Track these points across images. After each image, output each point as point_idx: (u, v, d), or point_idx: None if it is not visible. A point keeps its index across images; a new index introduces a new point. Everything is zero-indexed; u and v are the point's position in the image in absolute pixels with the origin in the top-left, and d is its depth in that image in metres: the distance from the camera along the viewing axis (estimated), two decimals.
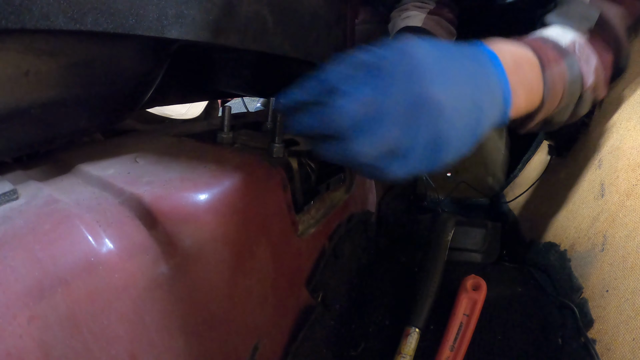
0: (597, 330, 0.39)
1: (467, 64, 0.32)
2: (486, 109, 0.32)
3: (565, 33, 0.46)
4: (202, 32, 0.39)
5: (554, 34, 0.45)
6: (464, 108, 0.30)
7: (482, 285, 0.46)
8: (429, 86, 0.29)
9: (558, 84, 0.40)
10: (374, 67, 0.29)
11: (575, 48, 0.44)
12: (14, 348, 0.23)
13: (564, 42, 0.44)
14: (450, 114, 0.29)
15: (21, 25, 0.26)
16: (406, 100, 0.29)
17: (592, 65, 0.44)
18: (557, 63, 0.40)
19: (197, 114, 1.37)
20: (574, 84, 0.42)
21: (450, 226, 0.58)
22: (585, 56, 0.44)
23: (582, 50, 0.44)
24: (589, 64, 0.44)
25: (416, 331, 0.44)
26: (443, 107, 0.29)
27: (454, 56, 0.32)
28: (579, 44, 0.44)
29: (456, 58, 0.32)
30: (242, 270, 0.36)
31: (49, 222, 0.27)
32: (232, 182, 0.35)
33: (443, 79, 0.30)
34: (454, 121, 0.29)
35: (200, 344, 0.32)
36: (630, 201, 0.42)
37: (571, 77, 0.42)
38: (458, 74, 0.31)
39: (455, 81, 0.30)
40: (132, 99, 0.43)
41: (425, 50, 0.30)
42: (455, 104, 0.30)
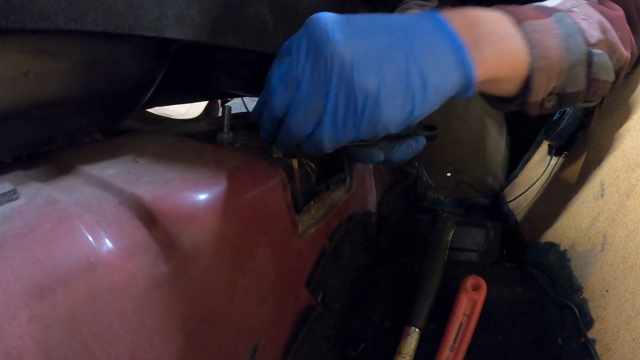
0: (597, 330, 0.39)
1: (385, 21, 0.32)
2: (422, 61, 0.30)
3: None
4: (202, 32, 0.39)
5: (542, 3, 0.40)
6: (379, 58, 0.30)
7: (482, 285, 0.46)
8: (329, 42, 0.29)
9: (547, 41, 0.35)
10: (287, 48, 0.32)
11: (566, 6, 0.38)
12: (14, 348, 0.23)
13: (552, 3, 0.39)
14: (361, 66, 0.29)
15: (21, 25, 0.26)
16: (312, 61, 0.30)
17: (594, 21, 0.38)
18: (538, 18, 0.35)
19: (197, 114, 1.37)
20: (571, 39, 0.36)
21: (450, 226, 0.58)
22: (582, 12, 0.38)
23: (577, 7, 0.38)
24: (589, 19, 0.38)
25: (416, 331, 0.44)
26: (347, 59, 0.29)
27: (368, 17, 0.32)
28: (570, 3, 0.39)
29: (372, 18, 0.32)
30: (242, 270, 0.36)
31: (49, 222, 0.27)
32: (232, 182, 0.35)
33: (345, 33, 0.30)
34: (368, 73, 0.29)
35: (200, 344, 0.32)
36: (630, 201, 0.42)
37: (565, 32, 0.36)
38: (367, 29, 0.31)
39: (364, 35, 0.30)
40: (132, 99, 0.43)
41: (329, 15, 0.31)
42: (366, 54, 0.29)
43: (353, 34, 0.30)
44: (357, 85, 0.29)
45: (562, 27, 0.36)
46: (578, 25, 0.37)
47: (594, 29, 0.37)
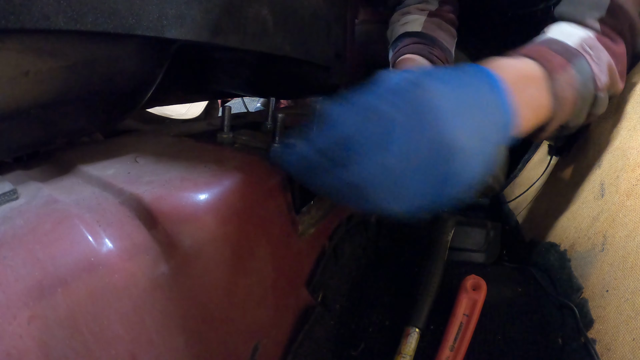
0: (597, 330, 0.39)
1: (473, 97, 0.31)
2: (492, 139, 0.31)
3: (573, 31, 0.44)
4: (202, 32, 0.39)
5: (561, 33, 0.44)
6: (475, 147, 0.29)
7: (482, 285, 0.46)
8: (443, 139, 0.27)
9: (567, 92, 0.40)
10: (386, 120, 0.27)
11: (585, 47, 0.42)
12: (14, 348, 0.23)
13: (572, 42, 0.42)
14: (462, 158, 0.28)
15: (21, 25, 0.26)
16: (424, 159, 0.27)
17: (604, 64, 0.43)
18: (565, 70, 0.40)
19: (197, 114, 1.37)
20: (585, 87, 0.41)
21: (450, 226, 0.58)
22: (596, 55, 0.42)
23: (592, 49, 0.42)
24: (600, 63, 0.42)
25: (416, 331, 0.44)
26: (457, 153, 0.28)
27: (461, 93, 0.30)
28: (588, 43, 0.42)
29: (463, 93, 0.30)
30: (242, 270, 0.36)
31: (49, 222, 0.27)
32: (232, 182, 0.35)
33: (456, 127, 0.28)
34: (465, 163, 0.28)
35: (200, 344, 0.32)
36: (630, 201, 0.42)
37: (582, 81, 0.41)
38: (467, 114, 0.29)
39: (465, 123, 0.29)
40: (132, 99, 0.43)
41: (435, 99, 0.28)
42: (467, 144, 0.28)
43: (457, 128, 0.28)
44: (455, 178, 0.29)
45: (581, 76, 0.40)
46: (592, 71, 0.41)
47: (603, 73, 0.42)
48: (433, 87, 0.28)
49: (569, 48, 0.42)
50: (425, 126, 0.27)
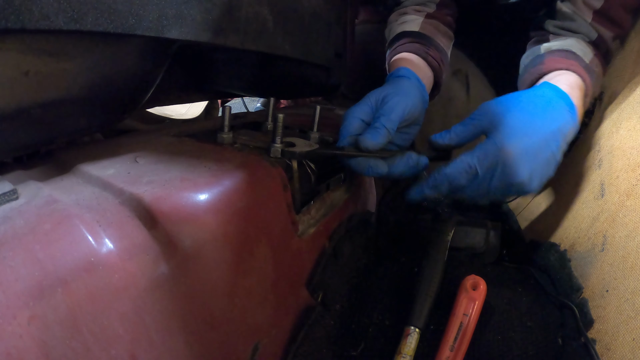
0: (597, 330, 0.39)
1: (545, 124, 0.43)
2: (553, 146, 0.44)
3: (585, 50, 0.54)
4: (202, 32, 0.39)
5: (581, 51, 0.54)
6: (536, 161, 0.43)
7: (482, 285, 0.46)
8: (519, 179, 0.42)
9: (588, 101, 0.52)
10: (482, 171, 0.43)
11: (594, 66, 0.53)
12: (14, 348, 0.23)
13: (588, 59, 0.53)
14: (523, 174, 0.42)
15: (21, 25, 0.26)
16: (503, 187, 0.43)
17: (599, 82, 0.54)
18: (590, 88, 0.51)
19: (197, 114, 1.37)
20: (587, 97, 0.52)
21: (450, 226, 0.58)
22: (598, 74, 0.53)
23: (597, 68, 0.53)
24: (598, 80, 0.54)
25: (416, 331, 0.44)
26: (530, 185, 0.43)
27: (544, 137, 0.43)
28: (595, 63, 0.53)
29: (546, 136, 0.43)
30: (242, 271, 0.36)
31: (49, 222, 0.27)
32: (232, 182, 0.35)
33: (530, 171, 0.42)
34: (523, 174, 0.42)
35: (200, 344, 0.32)
36: (630, 201, 0.42)
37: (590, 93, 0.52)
38: (546, 155, 0.43)
39: (541, 165, 0.43)
40: (132, 99, 0.43)
41: (521, 154, 0.41)
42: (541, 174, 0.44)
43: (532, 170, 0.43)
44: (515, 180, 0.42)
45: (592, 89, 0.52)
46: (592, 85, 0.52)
47: (598, 86, 0.55)
48: (503, 143, 0.42)
49: (590, 67, 0.52)
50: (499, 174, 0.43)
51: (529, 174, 0.41)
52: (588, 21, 0.56)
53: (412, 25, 0.68)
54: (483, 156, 0.42)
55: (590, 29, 0.56)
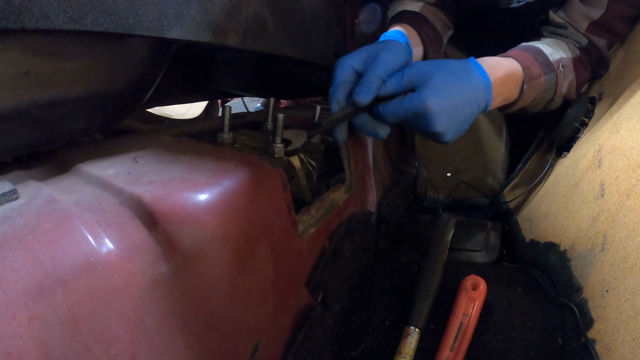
0: (597, 330, 0.39)
1: (464, 92, 0.47)
2: (467, 112, 0.47)
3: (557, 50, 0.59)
4: (202, 32, 0.39)
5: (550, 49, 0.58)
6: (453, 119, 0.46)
7: (482, 285, 0.46)
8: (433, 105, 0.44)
9: (532, 92, 0.56)
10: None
11: (560, 65, 0.57)
12: (14, 348, 0.23)
13: (553, 59, 0.57)
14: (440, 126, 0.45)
15: (21, 25, 0.26)
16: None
17: (568, 81, 0.58)
18: (537, 78, 0.55)
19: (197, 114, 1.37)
20: (547, 92, 0.58)
21: (450, 226, 0.58)
22: (565, 73, 0.58)
23: (564, 68, 0.58)
24: (566, 79, 0.58)
25: (416, 331, 0.44)
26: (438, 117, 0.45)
27: (454, 90, 0.46)
28: (563, 63, 0.58)
29: (456, 89, 0.46)
30: (242, 270, 0.36)
31: (49, 222, 0.27)
32: (232, 182, 0.35)
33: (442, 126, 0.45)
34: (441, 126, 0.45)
35: (200, 344, 0.32)
36: (630, 201, 0.42)
37: (546, 87, 0.57)
38: (453, 102, 0.45)
39: (456, 103, 0.46)
40: (132, 99, 0.43)
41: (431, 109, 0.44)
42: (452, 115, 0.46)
43: (439, 98, 0.45)
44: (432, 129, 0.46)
45: (547, 84, 0.57)
46: (557, 82, 0.58)
47: (564, 87, 0.59)
48: (428, 95, 0.44)
49: (549, 63, 0.57)
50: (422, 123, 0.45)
51: (445, 128, 0.46)
52: (581, 30, 0.60)
53: (412, 7, 0.72)
54: (409, 106, 0.45)
55: (580, 36, 0.60)
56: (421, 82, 0.45)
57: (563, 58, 0.58)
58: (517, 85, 0.54)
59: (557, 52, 0.59)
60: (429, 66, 0.47)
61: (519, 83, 0.54)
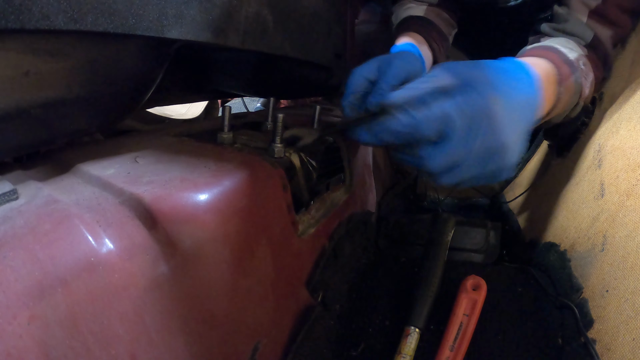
0: (597, 330, 0.39)
1: (527, 109, 0.38)
2: (528, 117, 0.37)
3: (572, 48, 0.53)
4: (202, 32, 0.39)
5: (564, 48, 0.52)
6: (521, 143, 0.36)
7: (482, 285, 0.46)
8: (503, 140, 0.34)
9: (565, 96, 0.48)
10: (462, 124, 0.33)
11: (580, 63, 0.51)
12: (14, 348, 0.23)
13: (573, 56, 0.50)
14: (513, 154, 0.35)
15: (21, 25, 0.26)
16: (485, 152, 0.34)
17: (589, 80, 0.52)
18: (568, 79, 0.48)
19: (197, 114, 1.37)
20: (575, 95, 0.50)
21: (450, 226, 0.58)
22: (586, 71, 0.51)
23: (585, 65, 0.51)
24: (587, 78, 0.52)
25: (416, 331, 0.44)
26: (510, 150, 0.35)
27: (520, 104, 0.37)
28: (582, 61, 0.51)
29: (521, 104, 0.37)
30: (242, 270, 0.36)
31: (49, 222, 0.27)
32: (232, 182, 0.35)
33: (514, 132, 0.35)
34: (513, 157, 0.35)
35: (201, 344, 0.32)
36: (630, 201, 0.42)
37: (575, 90, 0.50)
38: (522, 123, 0.36)
39: (520, 131, 0.36)
40: (132, 99, 0.43)
41: (504, 110, 0.34)
42: (518, 146, 0.36)
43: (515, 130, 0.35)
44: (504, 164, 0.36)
45: (575, 86, 0.49)
46: (582, 83, 0.50)
47: (587, 87, 0.52)
48: (488, 94, 0.34)
49: (572, 62, 0.49)
50: (483, 132, 0.34)
51: (514, 138, 0.34)
52: (584, 20, 0.55)
53: (417, 11, 0.72)
54: (465, 104, 0.32)
55: (585, 29, 0.55)
56: (466, 80, 0.34)
57: (581, 55, 0.52)
58: (554, 89, 0.46)
59: (572, 50, 0.52)
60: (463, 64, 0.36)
61: (555, 87, 0.46)
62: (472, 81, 0.34)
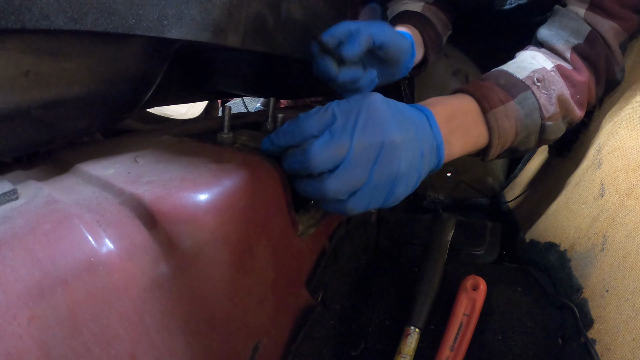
0: (597, 330, 0.39)
1: (413, 117, 0.39)
2: (426, 154, 0.39)
3: (530, 63, 0.48)
4: (202, 32, 0.39)
5: (514, 66, 0.49)
6: (412, 150, 0.37)
7: (482, 285, 0.46)
8: (388, 133, 0.35)
9: (505, 122, 0.45)
10: (342, 116, 0.35)
11: (534, 80, 0.47)
12: (14, 348, 0.23)
13: (522, 75, 0.47)
14: (404, 156, 0.36)
15: (21, 25, 0.26)
16: (369, 144, 0.35)
17: (553, 95, 0.47)
18: (504, 103, 0.45)
19: (197, 114, 1.37)
20: (529, 117, 0.46)
21: (450, 226, 0.58)
22: (544, 87, 0.47)
23: (541, 81, 0.47)
24: (549, 94, 0.47)
25: (416, 331, 0.44)
26: (399, 149, 0.35)
27: (403, 110, 0.38)
28: (538, 76, 0.47)
29: (405, 112, 0.38)
30: (242, 270, 0.36)
31: (49, 222, 0.27)
32: (232, 182, 0.35)
33: (399, 127, 0.36)
34: (406, 161, 0.36)
35: (201, 344, 0.32)
36: (630, 201, 0.42)
37: (524, 112, 0.46)
38: (408, 125, 0.37)
39: (407, 130, 0.37)
40: (132, 99, 0.43)
41: (384, 104, 0.36)
42: (407, 147, 0.36)
43: (401, 129, 0.36)
44: (398, 174, 0.36)
45: (523, 108, 0.46)
46: (538, 101, 0.46)
47: (551, 104, 0.47)
48: (381, 101, 0.37)
49: (516, 82, 0.47)
50: (374, 125, 0.35)
51: (407, 167, 0.36)
52: (581, 14, 0.52)
53: (413, 7, 0.72)
54: (362, 129, 0.34)
55: (581, 24, 0.51)
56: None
57: (537, 70, 0.48)
58: (475, 118, 0.45)
59: (529, 66, 0.48)
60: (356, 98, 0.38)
61: (477, 116, 0.45)
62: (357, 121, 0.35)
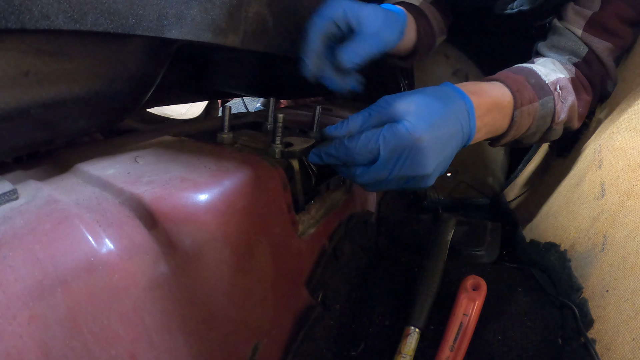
0: (597, 330, 0.39)
1: (458, 115, 0.40)
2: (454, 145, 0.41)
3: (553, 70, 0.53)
4: (202, 32, 0.39)
5: (544, 69, 0.53)
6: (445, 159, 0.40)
7: (482, 285, 0.46)
8: (425, 170, 0.38)
9: (526, 119, 0.49)
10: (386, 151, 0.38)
11: (556, 87, 0.51)
12: (14, 348, 0.23)
13: (548, 79, 0.51)
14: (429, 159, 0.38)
15: (21, 25, 0.26)
16: (405, 175, 0.38)
17: (567, 104, 0.52)
18: (531, 102, 0.49)
19: (197, 114, 1.37)
20: (544, 118, 0.51)
21: (450, 226, 0.58)
22: (563, 95, 0.52)
23: (562, 90, 0.52)
24: (565, 102, 0.52)
25: (416, 331, 0.44)
26: (430, 177, 0.39)
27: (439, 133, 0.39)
28: (561, 84, 0.52)
29: (450, 117, 0.40)
30: (242, 270, 0.36)
31: (49, 222, 0.27)
32: (232, 182, 0.35)
33: (436, 156, 0.38)
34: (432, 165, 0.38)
35: (200, 344, 0.32)
36: (631, 201, 0.42)
37: (542, 114, 0.50)
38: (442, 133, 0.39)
39: (445, 148, 0.39)
40: (132, 99, 0.43)
41: (431, 142, 0.38)
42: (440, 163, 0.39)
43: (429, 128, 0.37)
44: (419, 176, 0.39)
45: (543, 110, 0.50)
46: (555, 107, 0.51)
47: (564, 112, 0.52)
48: (412, 129, 0.37)
49: (544, 85, 0.50)
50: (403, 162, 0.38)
51: (434, 167, 0.38)
52: (578, 34, 0.55)
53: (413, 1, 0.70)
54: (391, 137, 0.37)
55: (579, 44, 0.55)
56: (399, 112, 0.38)
57: (560, 79, 0.52)
58: (506, 113, 0.47)
59: (553, 72, 0.52)
60: (402, 94, 0.40)
61: (509, 111, 0.47)
62: (400, 115, 0.38)
